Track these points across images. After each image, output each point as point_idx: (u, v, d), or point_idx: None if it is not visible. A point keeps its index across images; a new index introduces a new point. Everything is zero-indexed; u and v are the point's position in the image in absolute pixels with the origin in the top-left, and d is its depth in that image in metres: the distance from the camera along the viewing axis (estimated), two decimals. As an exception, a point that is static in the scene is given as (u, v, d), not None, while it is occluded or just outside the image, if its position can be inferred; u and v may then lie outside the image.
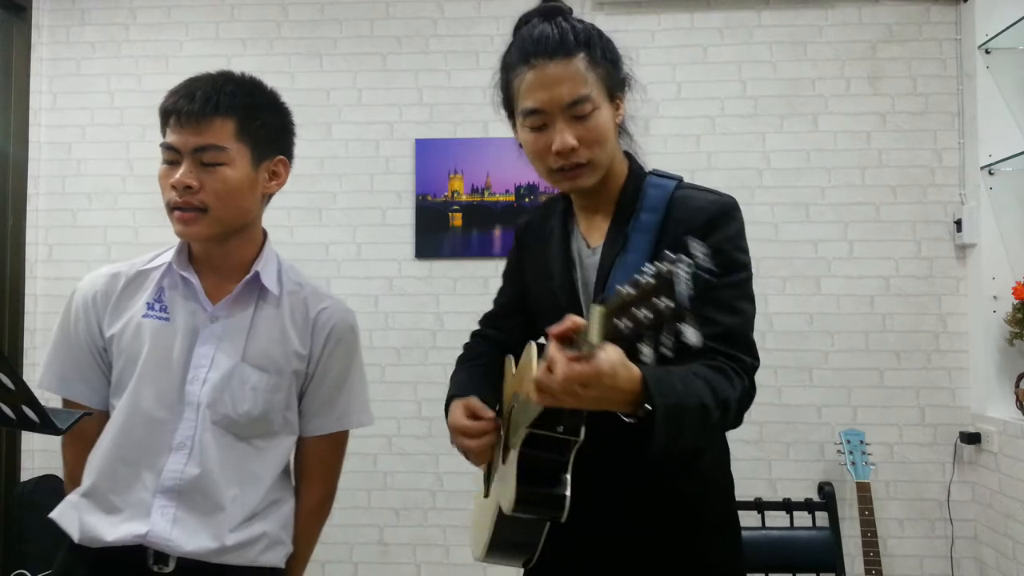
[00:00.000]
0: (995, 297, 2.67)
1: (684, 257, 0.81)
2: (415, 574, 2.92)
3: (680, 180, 1.29)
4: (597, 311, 0.90)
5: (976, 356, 2.74)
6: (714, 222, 1.21)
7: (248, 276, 1.36)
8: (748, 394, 1.16)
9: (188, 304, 1.35)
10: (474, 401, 1.33)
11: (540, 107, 1.21)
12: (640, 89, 1.33)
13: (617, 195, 1.29)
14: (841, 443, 2.63)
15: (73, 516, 1.33)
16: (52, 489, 2.99)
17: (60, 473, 3.20)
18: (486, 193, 2.96)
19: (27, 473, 3.01)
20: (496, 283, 3.15)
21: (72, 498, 1.35)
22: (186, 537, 1.28)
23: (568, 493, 1.15)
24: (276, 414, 1.37)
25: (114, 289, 1.38)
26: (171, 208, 1.30)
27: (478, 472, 3.23)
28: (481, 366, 1.48)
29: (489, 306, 3.01)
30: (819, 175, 2.88)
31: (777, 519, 2.35)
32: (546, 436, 1.15)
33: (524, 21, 1.35)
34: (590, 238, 1.32)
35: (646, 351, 0.83)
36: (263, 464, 1.37)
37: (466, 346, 1.58)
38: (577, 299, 1.29)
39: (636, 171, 1.31)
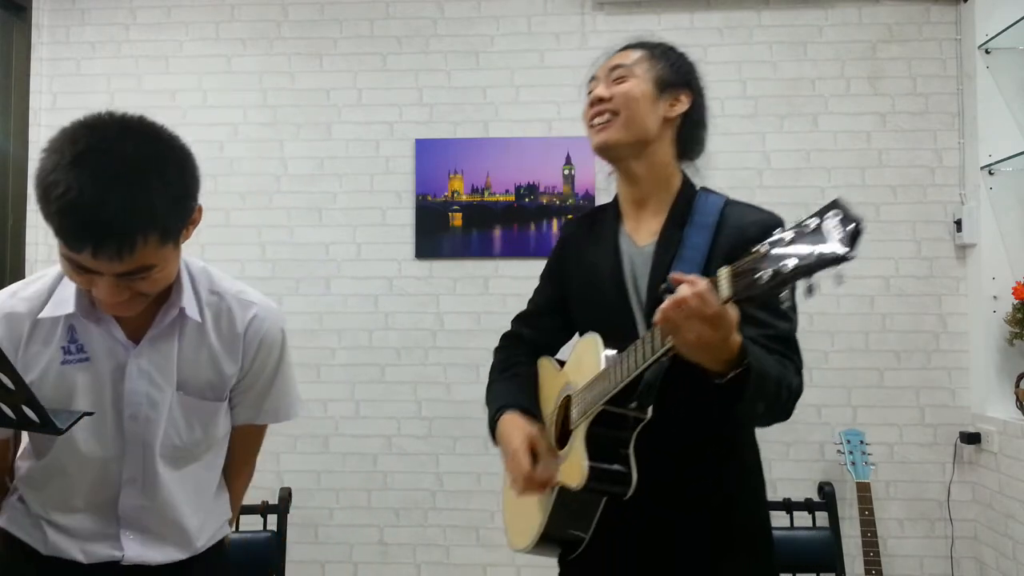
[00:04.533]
0: (995, 297, 2.67)
1: (828, 214, 0.90)
2: (415, 574, 2.92)
3: (727, 197, 1.41)
4: (725, 270, 1.02)
5: (976, 356, 2.74)
6: (767, 235, 1.29)
7: (174, 313, 1.27)
8: (800, 389, 1.27)
9: (105, 341, 1.25)
10: (538, 437, 1.38)
11: (594, 75, 1.45)
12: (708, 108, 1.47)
13: (670, 199, 1.41)
14: (841, 443, 2.63)
15: (36, 534, 1.31)
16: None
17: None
18: (486, 193, 2.96)
19: (27, 473, 3.01)
20: (496, 283, 3.16)
21: (19, 514, 1.32)
22: (159, 554, 1.33)
23: (635, 470, 1.25)
24: (219, 429, 1.37)
25: (19, 335, 1.24)
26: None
27: (478, 472, 3.23)
28: (519, 376, 1.54)
29: (489, 306, 3.02)
30: (819, 175, 2.88)
31: (777, 519, 2.33)
32: (616, 413, 1.25)
33: None
34: (637, 237, 1.42)
35: (785, 294, 0.94)
36: (209, 470, 1.40)
37: (499, 352, 1.62)
38: (624, 292, 1.38)
39: (689, 183, 1.44)
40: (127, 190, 1.06)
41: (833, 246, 0.87)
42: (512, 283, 2.94)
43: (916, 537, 2.79)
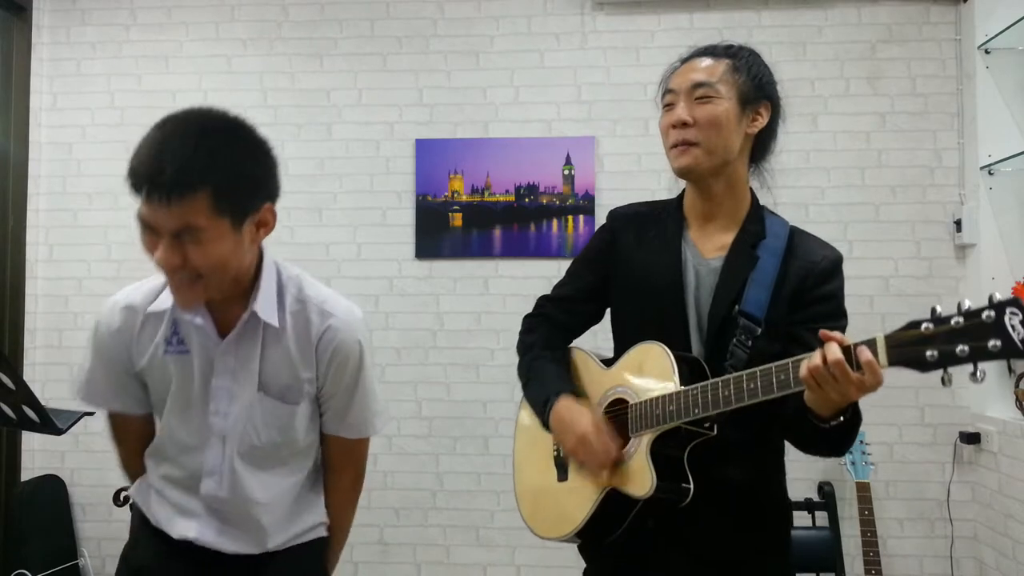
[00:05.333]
0: (995, 297, 2.67)
1: (1008, 310, 0.96)
2: (415, 574, 2.92)
3: (789, 223, 1.43)
4: (882, 341, 1.06)
5: (976, 356, 2.74)
6: (834, 270, 1.41)
7: (246, 316, 1.32)
8: None
9: (200, 335, 1.35)
10: (605, 426, 1.37)
11: (672, 87, 1.39)
12: (783, 130, 1.44)
13: (741, 215, 1.40)
14: (841, 443, 2.63)
15: (146, 503, 1.43)
16: (52, 489, 2.99)
17: (60, 473, 3.20)
18: (486, 193, 2.96)
19: (27, 473, 3.01)
20: (496, 283, 3.16)
21: (144, 486, 1.45)
22: (231, 544, 1.38)
23: (691, 483, 1.30)
24: (300, 434, 1.41)
25: (133, 324, 1.37)
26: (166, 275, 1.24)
27: (478, 472, 3.22)
28: (565, 363, 1.53)
29: (489, 306, 3.02)
30: (819, 175, 2.88)
31: (777, 519, 2.34)
32: (687, 430, 1.29)
33: None
34: (703, 247, 1.41)
35: (946, 375, 1.01)
36: (293, 475, 1.43)
37: (534, 330, 1.59)
38: (681, 300, 1.38)
39: (756, 200, 1.44)
40: (189, 141, 1.14)
41: (1013, 343, 0.95)
42: (512, 283, 2.94)
43: (916, 537, 2.79)
